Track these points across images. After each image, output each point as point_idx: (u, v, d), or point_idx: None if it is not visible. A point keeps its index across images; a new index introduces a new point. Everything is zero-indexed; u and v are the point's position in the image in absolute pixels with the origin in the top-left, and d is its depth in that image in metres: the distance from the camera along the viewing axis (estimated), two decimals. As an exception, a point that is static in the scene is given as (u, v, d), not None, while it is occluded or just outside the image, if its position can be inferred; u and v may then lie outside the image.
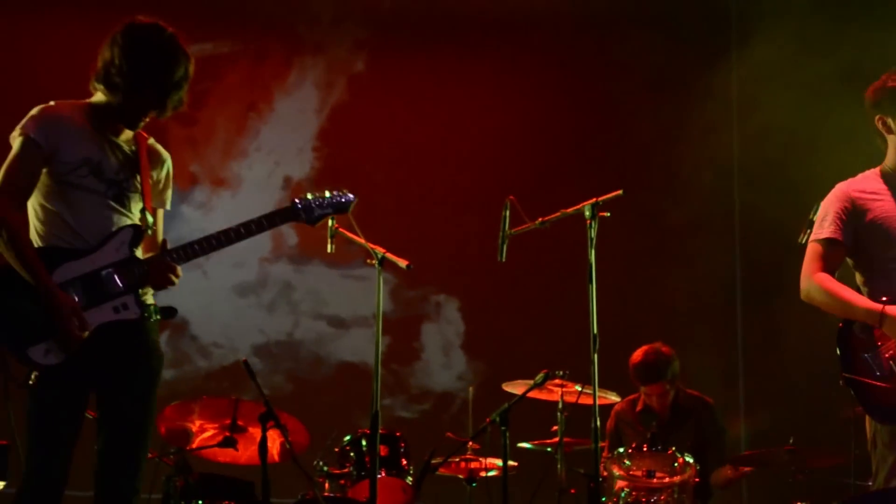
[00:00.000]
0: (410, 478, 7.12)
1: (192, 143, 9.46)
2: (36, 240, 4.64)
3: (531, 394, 7.11)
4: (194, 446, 6.94)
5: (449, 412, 9.50)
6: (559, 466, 7.24)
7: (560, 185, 8.56)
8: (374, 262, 6.48)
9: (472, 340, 9.83)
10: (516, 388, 7.24)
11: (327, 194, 5.22)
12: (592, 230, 6.04)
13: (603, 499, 6.56)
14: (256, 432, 6.61)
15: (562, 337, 8.67)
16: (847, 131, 8.09)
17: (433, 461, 7.04)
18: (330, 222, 6.27)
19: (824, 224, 5.21)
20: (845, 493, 7.65)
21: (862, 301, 5.06)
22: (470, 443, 7.43)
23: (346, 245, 6.59)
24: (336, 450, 7.22)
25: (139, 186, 4.82)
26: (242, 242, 4.93)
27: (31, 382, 4.53)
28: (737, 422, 9.35)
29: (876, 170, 5.30)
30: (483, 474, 7.54)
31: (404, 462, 7.18)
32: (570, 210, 6.23)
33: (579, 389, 7.09)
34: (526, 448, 7.65)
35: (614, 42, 10.14)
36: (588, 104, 10.17)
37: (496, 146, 9.92)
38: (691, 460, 6.86)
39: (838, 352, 5.10)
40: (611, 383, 7.19)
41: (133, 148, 4.85)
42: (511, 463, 7.06)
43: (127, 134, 4.84)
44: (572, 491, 7.24)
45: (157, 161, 4.98)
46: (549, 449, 7.48)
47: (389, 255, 6.49)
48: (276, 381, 9.27)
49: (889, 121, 5.19)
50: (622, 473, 6.85)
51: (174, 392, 7.84)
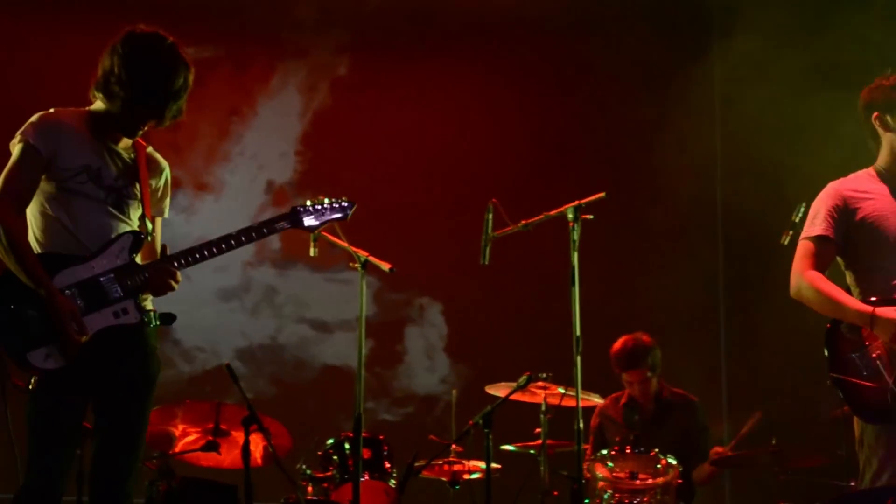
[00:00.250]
0: (394, 481, 7.12)
1: (175, 148, 9.41)
2: (35, 246, 4.64)
3: (514, 396, 7.12)
4: (177, 450, 6.93)
5: (432, 415, 9.50)
6: (542, 468, 7.26)
7: (543, 188, 8.58)
8: (357, 266, 6.49)
9: (456, 343, 9.83)
10: (499, 391, 7.25)
11: (326, 201, 5.23)
12: (575, 233, 6.05)
13: (586, 501, 6.58)
14: (239, 436, 6.62)
15: (545, 339, 8.66)
16: (831, 127, 8.13)
17: (416, 464, 7.05)
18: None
19: (815, 221, 5.22)
20: (829, 494, 7.65)
21: (852, 302, 5.07)
22: (453, 445, 7.44)
23: (329, 249, 6.60)
24: (319, 453, 7.22)
25: (138, 194, 4.84)
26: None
27: (31, 387, 4.54)
28: (719, 422, 9.37)
29: (868, 169, 5.31)
30: (466, 477, 7.54)
31: (387, 465, 7.18)
32: (553, 213, 6.24)
33: (562, 392, 7.10)
34: (509, 450, 7.66)
35: (596, 44, 10.15)
36: (570, 106, 10.18)
37: (479, 149, 9.92)
38: (674, 461, 6.87)
39: (826, 352, 5.12)
40: (593, 385, 7.21)
41: (132, 156, 4.87)
42: (494, 465, 7.06)
43: (126, 142, 4.85)
44: (555, 493, 7.27)
45: (156, 169, 4.99)
46: (533, 451, 7.49)
47: (372, 259, 6.51)
48: (259, 385, 9.25)
49: (887, 117, 5.19)
50: (605, 475, 6.87)
51: (157, 396, 7.71)
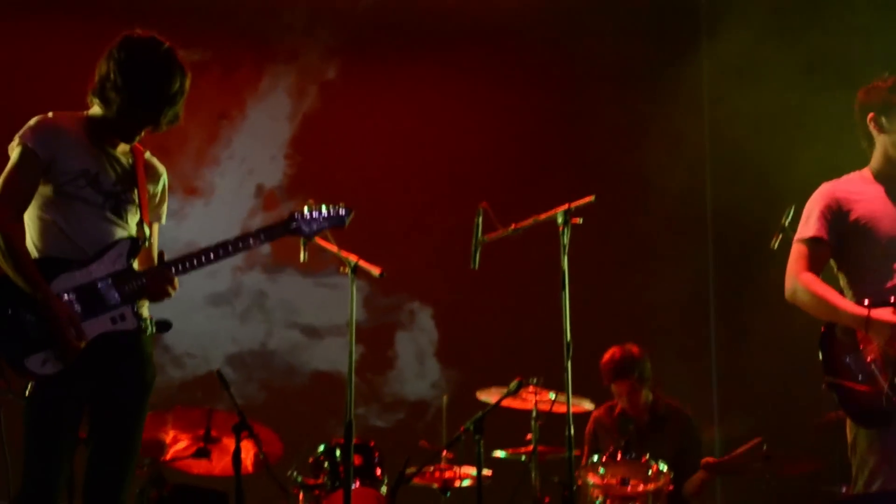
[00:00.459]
0: (385, 488, 7.11)
1: (164, 151, 9.33)
2: (33, 250, 4.63)
3: (505, 402, 7.10)
4: (168, 457, 6.92)
5: (423, 421, 9.48)
6: (533, 475, 7.25)
7: (532, 192, 8.55)
8: (347, 271, 6.47)
9: (446, 348, 9.82)
10: (490, 397, 7.24)
11: (324, 209, 5.22)
12: (565, 237, 6.03)
13: (577, 506, 6.57)
14: (230, 443, 6.61)
15: (535, 344, 8.64)
16: (822, 124, 8.14)
17: (407, 471, 7.02)
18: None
19: (809, 223, 5.20)
20: (821, 499, 7.66)
21: (847, 305, 5.05)
22: (444, 452, 7.41)
23: (319, 254, 6.57)
24: (310, 460, 7.20)
25: (136, 199, 4.83)
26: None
27: (28, 393, 4.52)
28: (710, 427, 9.36)
29: (861, 171, 5.30)
30: (457, 483, 7.52)
31: (378, 472, 7.16)
32: (543, 217, 6.22)
33: (553, 397, 7.09)
34: (500, 457, 7.64)
35: (584, 47, 10.16)
36: (558, 109, 10.18)
37: (468, 153, 9.91)
38: (665, 468, 6.87)
39: (820, 356, 5.11)
40: (585, 391, 7.20)
41: (130, 161, 4.86)
42: (485, 472, 7.05)
43: (124, 147, 4.85)
44: (546, 499, 7.26)
45: (154, 175, 4.99)
46: (524, 457, 7.49)
47: (362, 264, 6.49)
48: (250, 391, 9.23)
49: (882, 119, 5.18)
50: (596, 481, 6.86)
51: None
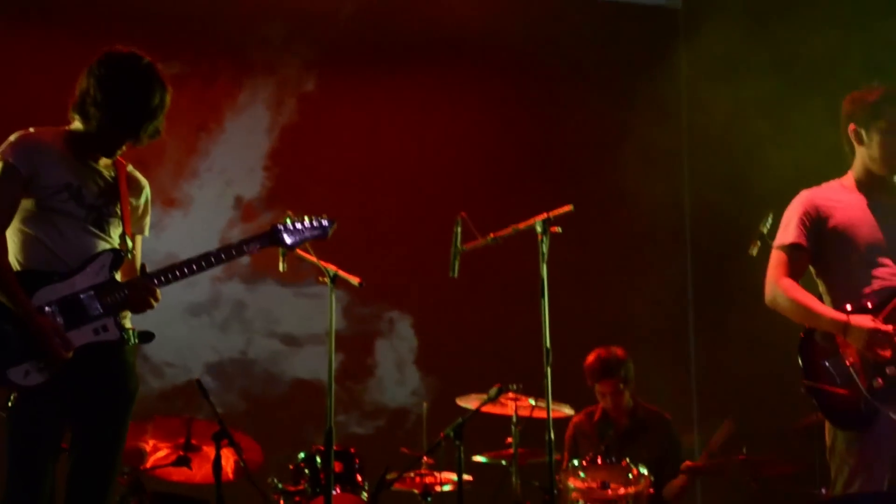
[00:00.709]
0: (366, 494, 7.12)
1: (143, 164, 9.32)
2: (15, 264, 4.65)
3: (485, 408, 7.14)
4: (148, 466, 6.91)
5: (403, 428, 9.49)
6: (514, 479, 7.26)
7: (511, 201, 8.59)
8: (327, 280, 6.49)
9: (426, 356, 9.83)
10: (470, 403, 7.27)
11: (306, 220, 5.25)
12: (544, 245, 6.07)
13: (558, 511, 6.59)
14: (210, 451, 6.61)
15: (515, 351, 8.70)
16: (801, 130, 8.18)
17: (388, 477, 7.04)
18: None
19: (788, 229, 5.26)
20: (800, 502, 7.70)
21: (826, 310, 5.11)
22: (425, 458, 7.43)
23: (298, 263, 6.60)
24: (290, 467, 7.21)
25: (119, 212, 4.85)
26: (194, 262, 4.95)
27: (10, 405, 4.53)
28: (690, 432, 9.40)
29: (841, 179, 5.36)
30: (438, 489, 7.54)
31: (359, 478, 7.17)
32: (522, 226, 6.25)
33: (533, 403, 7.12)
34: (481, 462, 7.67)
35: (560, 54, 10.23)
36: (536, 117, 10.22)
37: (446, 163, 9.94)
38: (645, 471, 6.90)
39: (800, 360, 5.16)
40: (564, 396, 7.22)
41: (112, 174, 4.89)
42: (466, 477, 7.08)
43: (106, 160, 4.88)
44: (527, 503, 7.28)
45: (136, 188, 5.02)
46: (504, 462, 7.51)
47: (341, 273, 6.51)
48: (230, 400, 9.22)
49: (862, 132, 5.24)
50: (577, 485, 6.89)
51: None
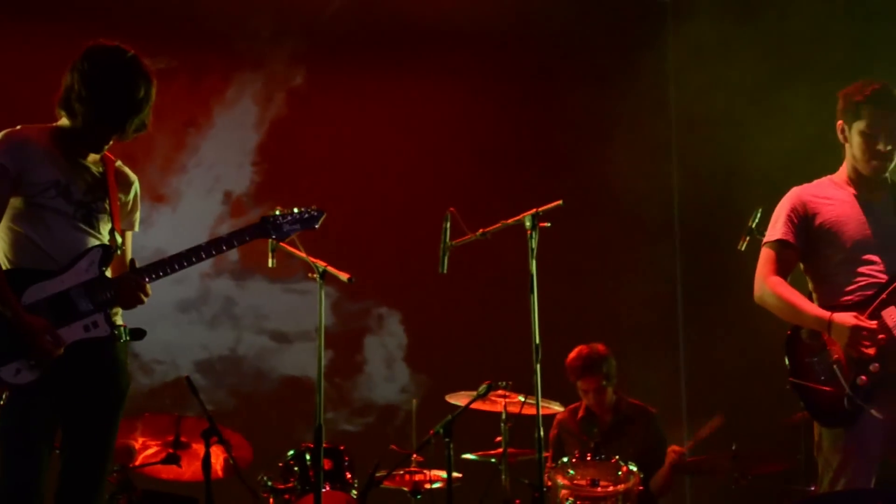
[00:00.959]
0: (355, 491, 7.11)
1: (131, 159, 9.28)
2: (4, 262, 4.64)
3: (474, 405, 7.13)
4: (137, 463, 6.91)
5: (393, 425, 9.48)
6: (503, 477, 7.25)
7: (500, 196, 8.58)
8: (316, 276, 6.47)
9: (415, 353, 9.82)
10: (460, 400, 7.26)
11: (295, 211, 5.24)
12: (533, 240, 6.06)
13: (547, 508, 6.59)
14: (200, 448, 6.60)
15: (504, 348, 8.69)
16: (791, 123, 8.18)
17: (377, 474, 7.03)
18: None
19: (776, 226, 5.28)
20: (789, 498, 7.70)
21: (811, 308, 5.13)
22: (414, 455, 7.43)
23: (288, 259, 6.58)
24: (280, 464, 7.20)
25: (108, 208, 4.83)
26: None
27: (2, 403, 4.51)
28: (679, 429, 9.40)
29: (832, 176, 5.37)
30: (428, 486, 7.54)
31: (349, 475, 7.16)
32: (511, 221, 6.24)
33: (522, 400, 7.11)
34: (470, 459, 7.66)
35: (550, 50, 10.23)
36: (525, 112, 10.20)
37: (435, 158, 9.92)
38: (635, 468, 6.90)
39: (786, 358, 5.17)
40: (553, 393, 7.21)
41: (100, 170, 4.87)
42: (455, 474, 7.07)
43: (94, 156, 4.87)
44: (517, 501, 7.27)
45: (125, 183, 5.01)
46: (494, 460, 7.49)
47: (331, 269, 6.49)
48: (219, 397, 9.20)
49: (847, 130, 5.24)
50: (566, 483, 6.88)
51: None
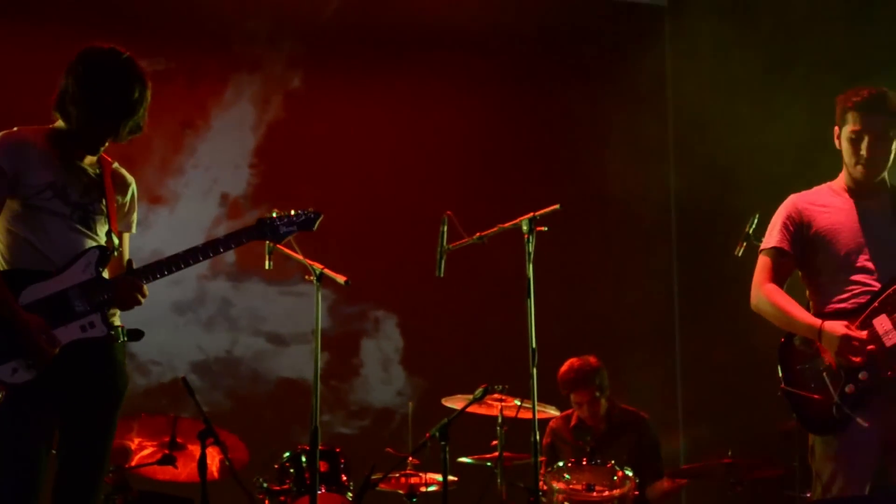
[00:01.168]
0: (351, 494, 7.10)
1: (129, 161, 9.29)
2: (2, 263, 4.65)
3: (471, 408, 7.13)
4: (133, 464, 6.90)
5: (389, 428, 9.48)
6: (499, 481, 7.26)
7: (497, 200, 8.59)
8: (313, 279, 6.48)
9: (412, 356, 9.82)
10: (456, 403, 7.26)
11: (292, 213, 5.24)
12: (530, 244, 6.06)
13: (543, 512, 6.59)
14: (196, 450, 6.60)
15: (501, 351, 8.68)
16: (789, 125, 8.17)
17: (373, 477, 7.03)
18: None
19: (772, 234, 5.30)
20: (784, 505, 7.72)
21: (804, 315, 5.14)
22: (410, 458, 7.43)
23: (285, 261, 6.58)
24: (276, 466, 7.19)
25: (104, 209, 4.84)
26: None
27: None
28: (675, 434, 9.40)
29: (830, 183, 5.37)
30: (423, 489, 7.53)
31: (344, 478, 7.15)
32: (508, 225, 6.25)
33: (518, 404, 7.11)
34: (466, 463, 7.66)
35: (548, 53, 10.25)
36: (522, 116, 10.21)
37: (433, 161, 9.93)
38: (630, 473, 6.90)
39: (779, 365, 5.19)
40: (550, 397, 7.23)
41: (97, 171, 4.87)
42: (451, 478, 7.08)
43: (90, 158, 4.87)
44: (512, 504, 7.28)
45: (122, 185, 5.01)
46: (489, 463, 7.49)
47: (328, 272, 6.50)
48: (215, 398, 9.20)
49: (839, 134, 5.25)
50: (562, 487, 6.88)
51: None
